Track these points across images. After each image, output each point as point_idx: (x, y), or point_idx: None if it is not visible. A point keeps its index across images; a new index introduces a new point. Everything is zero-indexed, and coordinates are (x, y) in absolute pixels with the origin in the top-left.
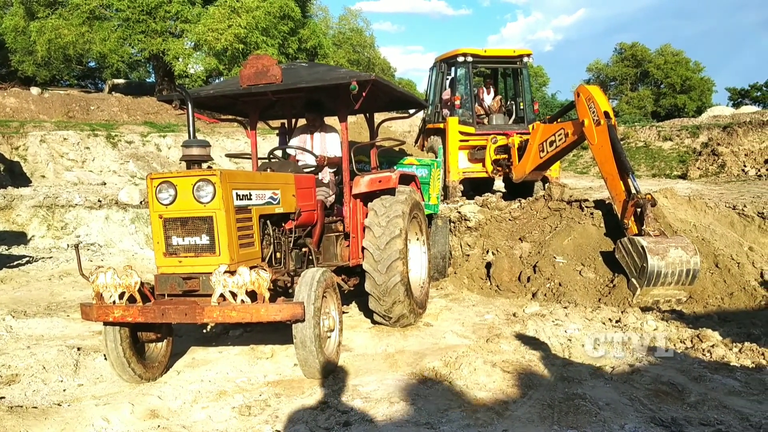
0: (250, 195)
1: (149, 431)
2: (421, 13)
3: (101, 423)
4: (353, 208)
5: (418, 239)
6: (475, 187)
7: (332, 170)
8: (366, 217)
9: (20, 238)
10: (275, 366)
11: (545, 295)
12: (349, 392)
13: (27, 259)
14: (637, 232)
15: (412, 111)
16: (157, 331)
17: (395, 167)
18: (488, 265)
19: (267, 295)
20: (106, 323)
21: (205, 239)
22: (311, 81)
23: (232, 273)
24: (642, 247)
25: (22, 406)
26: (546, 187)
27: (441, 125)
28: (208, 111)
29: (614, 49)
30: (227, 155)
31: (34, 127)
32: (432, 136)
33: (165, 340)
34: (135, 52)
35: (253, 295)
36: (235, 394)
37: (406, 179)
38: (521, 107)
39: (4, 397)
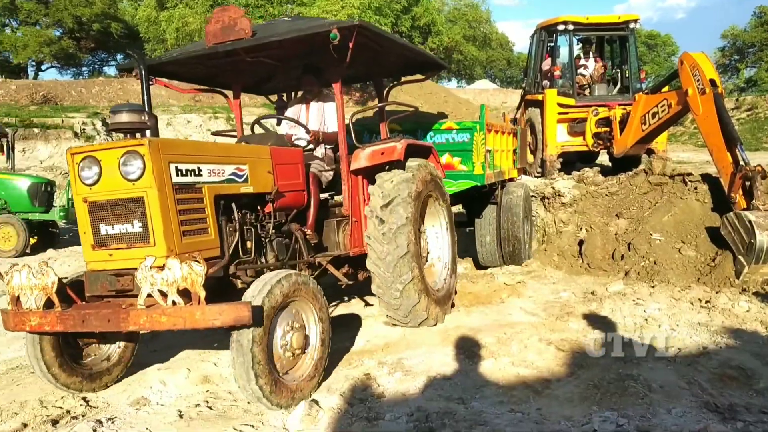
0: (199, 170)
1: (198, 395)
2: None
3: (158, 386)
4: (353, 186)
5: (438, 220)
6: (583, 159)
7: (330, 146)
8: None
9: None
10: (335, 337)
11: (638, 273)
12: (393, 365)
13: None
14: (745, 206)
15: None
16: (98, 334)
17: (425, 135)
18: (581, 243)
19: (202, 294)
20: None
21: (137, 226)
22: (285, 33)
23: (162, 267)
24: (750, 222)
25: None
26: (647, 161)
27: (540, 97)
28: (185, 82)
29: (752, 13)
30: (213, 133)
31: (162, 112)
32: (530, 108)
33: (118, 343)
34: None
35: (188, 294)
36: None
37: (422, 152)
38: (626, 76)
39: None
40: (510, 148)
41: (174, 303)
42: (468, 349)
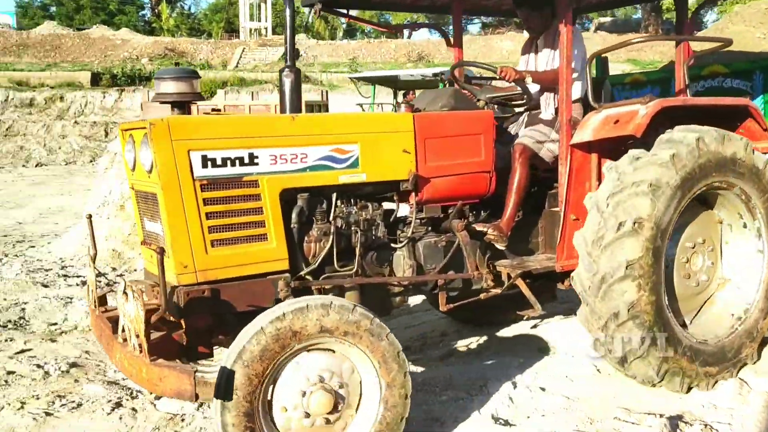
0: (253, 157)
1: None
2: None
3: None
4: (575, 168)
5: (739, 225)
6: None
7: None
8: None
9: None
10: None
11: None
12: None
13: None
14: None
15: None
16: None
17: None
18: None
19: (144, 344)
20: None
21: (160, 228)
22: None
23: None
24: None
25: None
26: None
27: None
28: (399, 11)
29: None
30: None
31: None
32: None
33: None
34: None
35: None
36: None
37: (725, 115)
38: None
39: None
40: None
41: (134, 347)
42: None
